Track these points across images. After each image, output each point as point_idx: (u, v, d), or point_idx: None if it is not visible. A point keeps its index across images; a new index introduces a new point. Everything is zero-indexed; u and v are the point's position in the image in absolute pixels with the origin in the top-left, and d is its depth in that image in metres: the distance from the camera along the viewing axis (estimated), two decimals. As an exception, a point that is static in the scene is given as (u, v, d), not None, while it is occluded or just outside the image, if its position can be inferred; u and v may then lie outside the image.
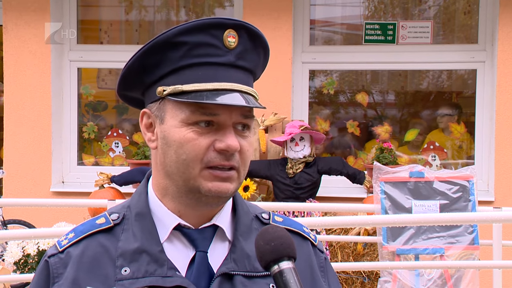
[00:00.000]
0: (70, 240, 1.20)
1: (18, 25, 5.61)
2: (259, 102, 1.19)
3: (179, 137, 1.14)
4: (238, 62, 1.16)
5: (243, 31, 1.17)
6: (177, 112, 1.15)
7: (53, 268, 1.18)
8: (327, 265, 1.31)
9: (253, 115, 1.19)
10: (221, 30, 1.15)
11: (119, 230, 1.19)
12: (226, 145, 1.13)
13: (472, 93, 5.58)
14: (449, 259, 3.80)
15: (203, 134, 1.14)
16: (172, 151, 1.15)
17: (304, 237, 1.29)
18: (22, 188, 5.63)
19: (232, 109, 1.14)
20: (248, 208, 1.28)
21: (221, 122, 1.15)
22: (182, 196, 1.18)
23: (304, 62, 5.61)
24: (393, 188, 3.94)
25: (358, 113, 6.13)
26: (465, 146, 5.77)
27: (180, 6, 6.09)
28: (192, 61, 1.15)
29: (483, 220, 2.79)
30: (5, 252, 4.50)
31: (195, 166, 1.14)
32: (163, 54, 1.16)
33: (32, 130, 5.64)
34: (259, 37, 1.19)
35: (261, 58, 1.22)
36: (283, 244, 1.07)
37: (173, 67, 1.16)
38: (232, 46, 1.16)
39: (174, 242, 1.19)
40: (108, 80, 6.40)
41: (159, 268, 1.14)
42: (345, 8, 6.21)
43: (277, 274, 1.05)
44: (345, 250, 4.90)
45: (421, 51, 5.54)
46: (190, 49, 1.14)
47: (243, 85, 1.16)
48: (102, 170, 5.33)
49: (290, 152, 4.93)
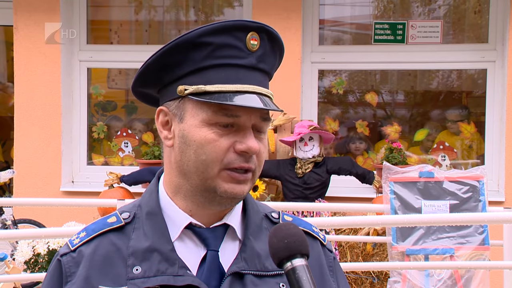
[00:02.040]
0: (82, 239, 1.21)
1: (28, 25, 5.64)
2: (276, 104, 1.20)
3: (199, 137, 1.14)
4: (259, 65, 1.18)
5: (264, 34, 1.18)
6: (198, 112, 1.15)
7: (66, 267, 1.18)
8: (336, 265, 1.31)
9: (270, 118, 1.20)
10: (244, 33, 1.16)
11: (130, 229, 1.20)
12: (247, 146, 1.14)
13: (482, 93, 5.55)
14: (459, 259, 3.78)
15: (223, 136, 1.14)
16: (191, 150, 1.15)
17: (313, 237, 1.29)
18: (32, 188, 5.66)
19: (252, 111, 1.15)
20: (258, 207, 1.28)
21: (241, 123, 1.15)
22: (196, 195, 1.18)
23: (313, 62, 5.60)
24: (403, 188, 3.93)
25: (368, 113, 6.12)
26: (475, 146, 5.74)
27: (189, 6, 6.10)
28: (215, 62, 1.15)
29: (494, 220, 2.77)
30: (16, 252, 4.53)
31: (214, 167, 1.14)
32: (186, 53, 1.16)
33: (42, 130, 5.66)
34: (277, 40, 1.21)
35: (277, 60, 1.24)
36: (296, 242, 1.07)
37: (195, 67, 1.16)
38: (254, 49, 1.17)
39: (185, 241, 1.19)
40: (118, 80, 6.43)
41: (170, 267, 1.14)
42: (355, 7, 6.20)
43: (290, 271, 1.05)
44: (355, 250, 4.89)
45: (431, 50, 5.52)
46: (214, 50, 1.15)
47: (262, 87, 1.18)
48: (111, 170, 5.35)
49: (299, 152, 4.93)
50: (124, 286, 1.14)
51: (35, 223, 5.49)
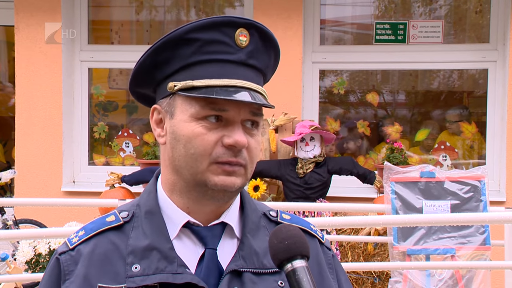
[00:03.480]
0: (80, 237, 1.21)
1: (30, 25, 5.65)
2: (268, 101, 1.20)
3: (188, 132, 1.15)
4: (249, 61, 1.18)
5: (253, 30, 1.18)
6: (187, 107, 1.16)
7: (64, 265, 1.19)
8: (335, 262, 1.31)
9: (262, 113, 1.20)
10: (232, 29, 1.16)
11: (129, 227, 1.20)
12: (234, 140, 1.14)
13: (484, 92, 5.55)
14: (460, 259, 3.78)
15: (211, 129, 1.15)
16: (181, 145, 1.16)
17: (311, 235, 1.30)
18: (33, 188, 5.66)
19: (241, 105, 1.15)
20: (256, 205, 1.28)
21: (230, 118, 1.16)
22: (190, 191, 1.19)
23: (314, 62, 5.60)
24: (404, 188, 3.93)
25: (369, 113, 6.12)
26: (476, 146, 5.74)
27: (190, 6, 6.10)
28: (203, 57, 1.16)
29: (495, 220, 2.76)
30: (17, 252, 4.53)
31: (203, 161, 1.15)
32: (175, 50, 1.17)
33: (43, 130, 5.67)
34: (270, 38, 1.21)
35: (271, 60, 1.24)
36: (297, 243, 1.07)
37: (184, 63, 1.17)
38: (243, 45, 1.17)
39: (183, 240, 1.20)
40: (119, 80, 6.43)
41: (169, 265, 1.15)
42: (356, 7, 6.19)
43: (290, 272, 1.06)
44: (356, 250, 4.88)
45: (432, 50, 5.52)
46: (202, 45, 1.16)
47: (253, 83, 1.18)
48: (112, 170, 5.36)
49: (300, 152, 4.93)
50: (123, 284, 1.14)
51: (36, 223, 5.49)
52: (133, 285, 1.13)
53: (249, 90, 1.16)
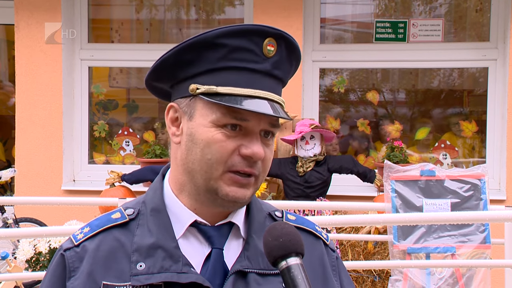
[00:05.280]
0: (85, 234, 1.20)
1: (30, 24, 5.64)
2: (286, 112, 1.20)
3: (207, 137, 1.15)
4: (273, 71, 1.18)
5: (282, 41, 1.18)
6: (208, 112, 1.15)
7: (70, 262, 1.18)
8: (339, 264, 1.31)
9: (279, 125, 1.21)
10: (261, 38, 1.16)
11: (134, 225, 1.20)
12: (252, 152, 1.14)
13: (484, 91, 5.55)
14: (460, 258, 3.78)
15: (230, 137, 1.15)
16: (197, 149, 1.16)
17: (316, 236, 1.30)
18: (34, 187, 5.66)
19: (262, 116, 1.15)
20: (261, 206, 1.28)
21: (249, 128, 1.15)
22: (199, 194, 1.18)
23: (315, 60, 5.60)
24: (404, 186, 3.93)
25: (369, 111, 6.12)
26: (477, 145, 5.74)
27: (190, 5, 6.10)
28: (230, 64, 1.15)
29: (495, 219, 2.77)
30: (17, 250, 4.53)
31: (218, 168, 1.15)
32: (201, 53, 1.16)
33: (43, 129, 5.67)
34: (295, 49, 1.21)
35: (292, 69, 1.24)
36: (291, 241, 1.07)
37: (209, 67, 1.16)
38: (270, 55, 1.17)
39: (189, 239, 1.19)
40: (119, 79, 6.43)
41: (174, 264, 1.14)
42: (356, 6, 6.19)
43: (285, 270, 1.06)
44: (356, 249, 4.89)
45: (432, 49, 5.52)
46: (229, 52, 1.15)
47: (274, 94, 1.18)
48: (112, 169, 5.36)
49: (300, 150, 4.93)
50: (128, 282, 1.14)
51: (36, 222, 5.49)
52: (138, 283, 1.13)
53: (270, 101, 1.16)
